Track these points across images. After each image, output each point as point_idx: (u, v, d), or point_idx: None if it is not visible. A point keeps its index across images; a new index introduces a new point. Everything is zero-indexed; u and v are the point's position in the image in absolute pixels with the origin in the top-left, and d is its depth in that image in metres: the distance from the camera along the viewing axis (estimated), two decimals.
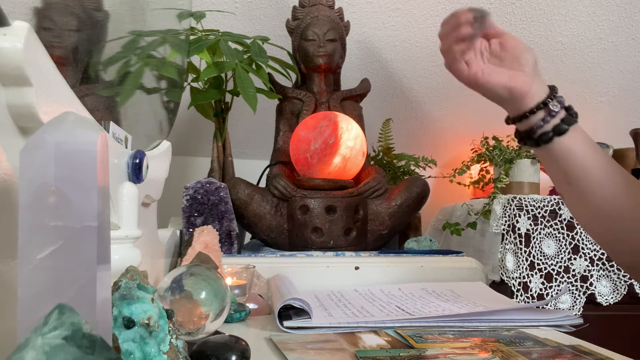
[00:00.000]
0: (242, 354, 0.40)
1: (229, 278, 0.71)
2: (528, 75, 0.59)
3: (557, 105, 0.59)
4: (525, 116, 0.60)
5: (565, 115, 0.59)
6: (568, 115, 0.60)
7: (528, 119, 0.60)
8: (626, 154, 1.41)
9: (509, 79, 0.59)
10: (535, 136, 0.60)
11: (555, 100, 0.59)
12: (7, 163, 0.35)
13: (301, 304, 0.57)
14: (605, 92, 1.67)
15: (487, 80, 0.60)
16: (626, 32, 1.51)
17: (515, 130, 0.64)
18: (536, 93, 0.59)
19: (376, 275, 0.85)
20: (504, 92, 0.60)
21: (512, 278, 1.05)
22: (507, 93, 0.60)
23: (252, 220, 0.99)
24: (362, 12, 1.38)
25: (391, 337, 0.53)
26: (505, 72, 0.60)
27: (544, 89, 0.60)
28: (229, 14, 1.31)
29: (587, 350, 0.48)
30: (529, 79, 0.59)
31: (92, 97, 0.57)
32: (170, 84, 0.87)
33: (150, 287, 0.34)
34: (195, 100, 1.07)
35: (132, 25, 0.71)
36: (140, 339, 0.30)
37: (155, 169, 0.68)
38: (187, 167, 1.55)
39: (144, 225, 0.64)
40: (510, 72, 0.60)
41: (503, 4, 1.40)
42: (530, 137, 0.61)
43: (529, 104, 0.59)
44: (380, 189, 1.02)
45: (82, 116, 0.29)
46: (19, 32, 0.34)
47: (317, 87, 1.14)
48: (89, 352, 0.22)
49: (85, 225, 0.26)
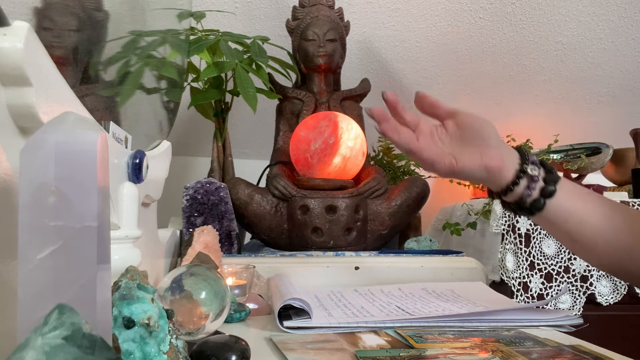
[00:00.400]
0: (242, 354, 0.40)
1: (229, 278, 0.71)
2: (496, 148, 0.58)
3: (535, 168, 0.58)
4: (509, 189, 0.58)
5: (545, 175, 0.58)
6: (548, 173, 0.58)
7: (513, 191, 0.58)
8: (626, 154, 1.41)
9: (482, 158, 0.58)
10: (526, 205, 0.58)
11: (530, 164, 0.58)
12: (7, 163, 0.35)
13: (301, 304, 0.57)
14: (605, 92, 1.67)
15: (462, 166, 0.58)
16: (626, 32, 1.51)
17: (503, 202, 0.61)
18: (510, 163, 0.58)
19: (376, 275, 0.85)
20: (482, 173, 0.58)
21: (512, 278, 1.05)
22: (484, 172, 0.58)
23: (252, 220, 0.99)
24: (362, 12, 1.38)
25: (391, 337, 0.53)
26: (474, 152, 0.58)
27: (515, 156, 0.59)
28: (229, 14, 1.31)
29: (587, 350, 0.48)
30: (498, 151, 0.58)
31: (92, 97, 0.57)
32: (170, 84, 0.87)
33: (150, 287, 0.34)
34: (195, 100, 1.07)
35: (132, 25, 0.71)
36: (140, 339, 0.30)
37: (155, 169, 0.68)
38: (187, 167, 1.55)
39: (144, 225, 0.64)
40: (479, 149, 0.58)
41: (503, 4, 1.40)
42: (522, 207, 0.59)
43: (508, 176, 0.58)
44: (380, 189, 1.02)
45: (82, 116, 0.29)
46: (19, 32, 0.34)
47: (317, 87, 1.14)
48: (89, 352, 0.22)
49: (85, 225, 0.26)
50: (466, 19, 1.42)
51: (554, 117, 1.72)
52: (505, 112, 1.68)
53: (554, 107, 1.69)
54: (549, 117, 1.72)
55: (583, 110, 1.72)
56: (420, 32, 1.43)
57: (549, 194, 0.57)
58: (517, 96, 1.64)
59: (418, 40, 1.45)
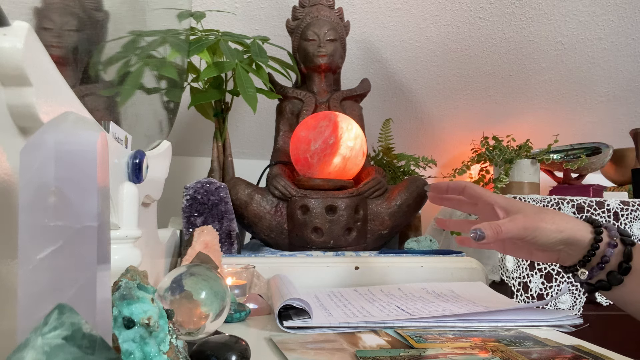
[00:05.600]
0: (242, 354, 0.40)
1: (229, 278, 0.71)
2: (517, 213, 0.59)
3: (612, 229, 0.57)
4: (591, 254, 0.56)
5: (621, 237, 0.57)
6: (621, 236, 0.57)
7: (595, 255, 0.56)
8: (626, 154, 1.42)
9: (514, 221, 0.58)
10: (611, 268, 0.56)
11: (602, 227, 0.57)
12: (7, 163, 0.35)
13: (301, 304, 0.57)
14: (605, 92, 1.67)
15: (500, 235, 0.58)
16: (626, 32, 1.51)
17: (582, 284, 0.60)
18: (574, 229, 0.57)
19: (376, 275, 0.85)
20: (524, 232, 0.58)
21: (512, 278, 1.05)
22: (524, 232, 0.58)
23: (252, 220, 0.99)
24: (362, 12, 1.38)
25: (391, 337, 0.53)
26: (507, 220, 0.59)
27: (572, 221, 0.58)
28: (229, 14, 1.31)
29: (587, 350, 0.48)
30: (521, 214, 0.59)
31: (92, 97, 0.57)
32: (170, 84, 0.87)
33: (150, 287, 0.34)
34: (195, 100, 1.07)
35: (132, 25, 0.71)
36: (140, 339, 0.30)
37: (155, 169, 0.67)
38: (187, 167, 1.55)
39: (144, 225, 0.64)
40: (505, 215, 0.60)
41: (503, 4, 1.40)
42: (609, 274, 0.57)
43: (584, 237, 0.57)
44: (380, 189, 1.02)
45: (82, 116, 0.29)
46: (19, 32, 0.34)
47: (317, 87, 1.14)
48: (89, 352, 0.22)
49: (85, 225, 0.26)
50: (466, 19, 1.42)
51: (554, 117, 1.72)
52: (505, 112, 1.68)
53: (554, 107, 1.69)
54: (549, 117, 1.72)
55: (583, 110, 1.72)
56: (420, 32, 1.43)
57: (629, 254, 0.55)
58: (517, 96, 1.64)
59: (418, 40, 1.45)
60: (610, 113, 1.73)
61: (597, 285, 0.58)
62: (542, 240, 0.58)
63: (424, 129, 1.68)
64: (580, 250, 0.58)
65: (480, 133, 1.33)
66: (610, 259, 0.56)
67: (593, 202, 1.12)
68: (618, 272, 0.56)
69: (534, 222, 0.57)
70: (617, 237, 0.57)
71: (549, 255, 0.61)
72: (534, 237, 0.57)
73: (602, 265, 0.56)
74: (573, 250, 0.58)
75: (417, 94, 1.57)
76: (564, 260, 0.60)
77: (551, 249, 0.59)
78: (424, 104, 1.60)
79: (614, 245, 0.56)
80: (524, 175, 1.22)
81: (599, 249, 0.56)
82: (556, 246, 0.58)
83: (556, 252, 0.60)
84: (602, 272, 0.57)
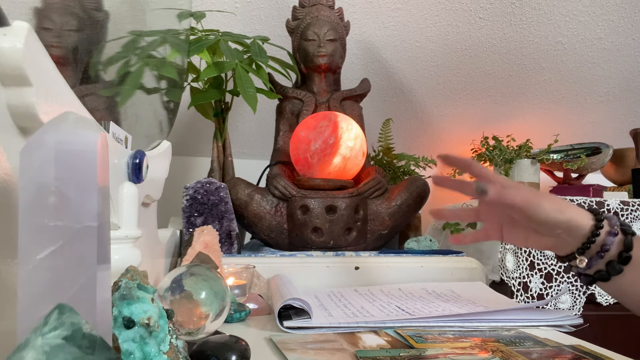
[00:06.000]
0: (242, 354, 0.40)
1: (229, 278, 0.71)
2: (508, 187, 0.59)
3: (613, 219, 0.57)
4: (591, 241, 0.56)
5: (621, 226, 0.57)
6: (622, 226, 0.57)
7: (595, 242, 0.56)
8: (626, 154, 1.42)
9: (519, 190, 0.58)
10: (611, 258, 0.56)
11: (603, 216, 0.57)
12: (7, 163, 0.35)
13: (301, 304, 0.57)
14: (605, 92, 1.67)
15: (502, 196, 0.59)
16: (626, 32, 1.51)
17: (580, 275, 0.60)
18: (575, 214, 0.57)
19: (376, 275, 0.85)
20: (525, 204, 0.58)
21: (512, 278, 1.05)
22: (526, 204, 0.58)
23: (252, 220, 0.99)
24: (362, 12, 1.38)
25: (391, 337, 0.53)
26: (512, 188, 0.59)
27: (574, 207, 0.57)
28: (229, 14, 1.31)
29: (587, 350, 0.48)
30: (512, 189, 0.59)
31: (92, 97, 0.57)
32: (170, 84, 0.87)
33: (150, 287, 0.34)
34: (195, 100, 1.07)
35: (132, 25, 0.71)
36: (140, 339, 0.30)
37: (155, 169, 0.67)
38: (187, 167, 1.55)
39: (144, 225, 0.64)
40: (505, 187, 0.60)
41: (503, 4, 1.40)
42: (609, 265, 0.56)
43: (585, 224, 0.56)
44: (380, 189, 1.02)
45: (82, 116, 0.29)
46: (19, 32, 0.34)
47: (317, 87, 1.14)
48: (89, 352, 0.22)
49: (85, 225, 0.26)
50: (466, 19, 1.42)
51: (554, 117, 1.72)
52: (505, 112, 1.68)
53: (554, 106, 1.69)
54: (549, 117, 1.72)
55: (583, 110, 1.72)
56: (420, 32, 1.43)
57: (629, 243, 0.55)
58: (517, 96, 1.64)
59: (418, 40, 1.45)
60: (610, 113, 1.73)
61: (596, 276, 0.58)
62: (541, 217, 0.57)
63: (424, 129, 1.68)
64: (579, 238, 0.57)
65: (480, 133, 1.32)
66: (610, 248, 0.56)
67: (593, 202, 1.12)
68: (618, 261, 0.56)
69: (537, 198, 0.57)
70: (618, 226, 0.56)
71: (546, 240, 0.60)
72: (535, 212, 0.57)
73: (602, 254, 0.56)
74: (571, 236, 0.57)
75: (417, 94, 1.57)
76: (559, 248, 0.59)
77: (549, 233, 0.58)
78: (424, 104, 1.60)
79: (615, 234, 0.56)
80: (524, 175, 1.22)
81: (600, 237, 0.56)
82: (554, 229, 0.57)
83: (553, 237, 0.59)
84: (601, 261, 0.57)
